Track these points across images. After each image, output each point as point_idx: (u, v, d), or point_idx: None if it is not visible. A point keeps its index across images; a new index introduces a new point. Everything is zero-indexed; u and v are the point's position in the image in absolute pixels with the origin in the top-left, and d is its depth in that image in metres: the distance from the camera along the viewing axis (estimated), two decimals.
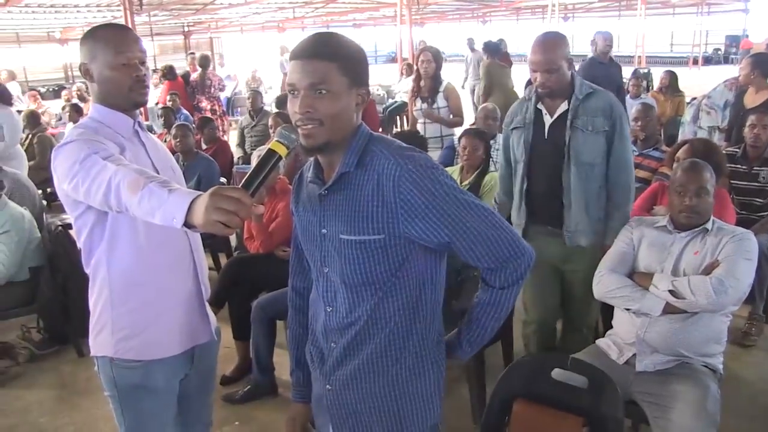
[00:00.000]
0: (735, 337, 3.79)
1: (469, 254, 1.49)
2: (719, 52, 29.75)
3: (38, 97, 11.23)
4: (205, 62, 9.53)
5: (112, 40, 1.83)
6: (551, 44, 2.76)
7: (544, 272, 2.91)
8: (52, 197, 6.84)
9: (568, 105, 2.79)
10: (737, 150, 4.22)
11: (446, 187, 1.45)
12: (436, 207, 1.43)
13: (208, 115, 9.00)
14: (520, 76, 12.06)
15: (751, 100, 5.10)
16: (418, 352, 1.58)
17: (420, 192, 1.42)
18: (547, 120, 2.86)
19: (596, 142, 2.78)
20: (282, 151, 1.38)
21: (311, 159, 1.59)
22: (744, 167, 4.10)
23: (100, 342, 1.94)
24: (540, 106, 2.88)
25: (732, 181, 4.08)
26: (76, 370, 3.90)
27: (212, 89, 9.43)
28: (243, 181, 1.33)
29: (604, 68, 6.55)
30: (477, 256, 1.49)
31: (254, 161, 1.38)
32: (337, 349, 1.60)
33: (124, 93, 1.86)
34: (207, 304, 2.10)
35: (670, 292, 2.44)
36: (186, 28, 23.44)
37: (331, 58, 1.42)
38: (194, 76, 9.76)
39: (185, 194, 1.40)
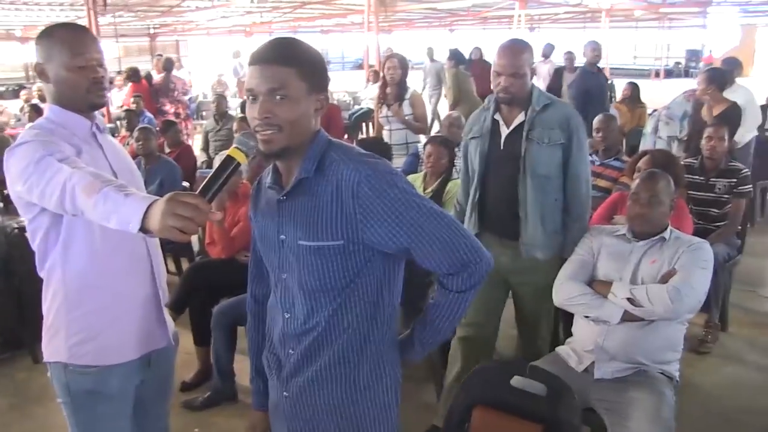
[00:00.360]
0: (692, 345, 3.86)
1: (427, 259, 1.49)
2: (680, 66, 30.42)
3: None
4: (168, 65, 9.40)
5: (68, 41, 1.80)
6: (518, 49, 2.71)
7: (490, 280, 2.82)
8: (9, 199, 6.65)
9: (525, 116, 2.74)
10: (695, 161, 4.31)
11: (404, 192, 1.45)
12: (395, 212, 1.43)
13: (172, 118, 8.89)
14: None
15: (708, 113, 5.25)
16: (375, 358, 1.58)
17: (378, 197, 1.43)
18: (504, 131, 2.81)
19: (552, 155, 2.73)
20: (240, 157, 1.37)
21: (270, 165, 1.59)
22: (701, 178, 4.20)
23: (53, 347, 1.89)
24: (497, 116, 2.83)
25: (689, 192, 4.17)
26: (30, 376, 3.80)
27: (175, 92, 9.31)
28: (200, 187, 1.32)
29: (595, 77, 6.75)
30: (435, 261, 1.49)
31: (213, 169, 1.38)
32: (294, 356, 1.59)
33: (81, 95, 1.82)
34: (165, 309, 2.07)
35: (629, 300, 2.48)
36: (152, 30, 23.13)
37: (290, 64, 1.42)
38: (157, 78, 9.62)
39: (141, 199, 1.38)
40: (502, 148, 2.80)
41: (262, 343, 1.77)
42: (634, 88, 8.08)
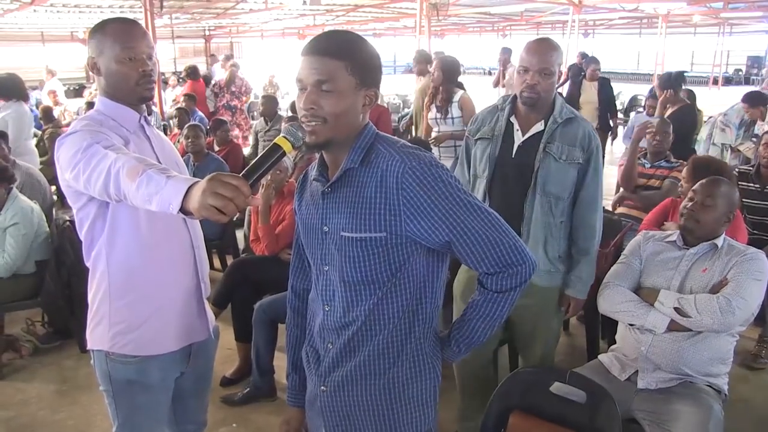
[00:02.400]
0: (744, 359, 3.74)
1: (468, 256, 1.47)
2: (740, 73, 29.57)
3: (56, 94, 11.33)
4: (236, 64, 9.75)
5: (120, 35, 1.83)
6: (548, 46, 2.47)
7: None
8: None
9: (544, 126, 2.51)
10: (750, 168, 4.18)
11: (449, 186, 1.44)
12: (438, 205, 1.42)
13: (240, 114, 9.39)
14: None
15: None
16: (415, 356, 1.57)
17: (423, 189, 1.42)
18: (518, 137, 2.55)
19: (567, 174, 2.49)
20: (287, 146, 1.37)
21: (316, 160, 1.59)
22: (756, 186, 4.06)
23: (96, 335, 1.93)
24: (513, 119, 2.58)
25: (744, 200, 4.03)
26: (77, 365, 3.90)
27: (241, 89, 9.61)
28: (244, 170, 1.32)
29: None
30: (477, 258, 1.47)
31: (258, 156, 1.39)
32: (333, 350, 1.59)
33: (130, 87, 1.86)
34: (206, 302, 2.09)
35: (676, 309, 2.40)
36: (207, 32, 23.63)
37: (340, 57, 1.41)
38: (223, 77, 10.01)
39: (183, 180, 1.39)
40: (513, 156, 2.56)
41: (300, 339, 1.77)
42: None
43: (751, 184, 4.08)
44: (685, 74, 6.36)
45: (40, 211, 3.99)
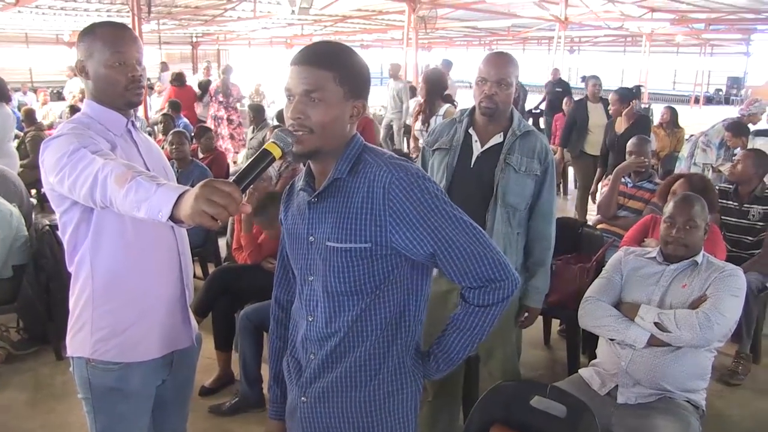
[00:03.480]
0: (722, 375, 3.76)
1: (452, 269, 1.47)
2: (720, 93, 29.99)
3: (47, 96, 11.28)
4: (227, 71, 9.64)
5: (110, 39, 1.82)
6: (506, 60, 2.54)
7: (446, 310, 2.42)
8: (44, 197, 6.80)
9: (503, 138, 2.55)
10: (730, 186, 4.23)
11: (436, 198, 1.44)
12: (424, 217, 1.42)
13: (225, 123, 9.23)
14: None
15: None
16: (396, 369, 1.56)
17: (409, 200, 1.42)
18: (477, 148, 2.59)
19: (526, 185, 2.54)
20: (276, 152, 1.37)
21: (303, 171, 1.59)
22: (735, 204, 4.11)
23: (77, 342, 1.89)
24: (471, 131, 2.61)
25: (723, 217, 4.08)
26: (53, 372, 3.84)
27: (230, 98, 9.51)
28: (234, 176, 1.32)
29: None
30: (460, 272, 1.47)
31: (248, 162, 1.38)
32: (315, 361, 1.58)
33: (118, 91, 1.84)
34: (189, 309, 2.07)
35: (656, 324, 2.42)
36: (194, 39, 23.58)
37: (329, 67, 1.41)
38: (214, 84, 9.90)
39: (173, 188, 1.38)
40: (472, 166, 2.59)
41: (283, 350, 1.76)
42: (672, 113, 7.98)
43: (731, 202, 4.13)
44: (667, 93, 6.66)
45: (19, 215, 3.94)
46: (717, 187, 4.29)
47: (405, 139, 10.05)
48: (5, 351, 3.98)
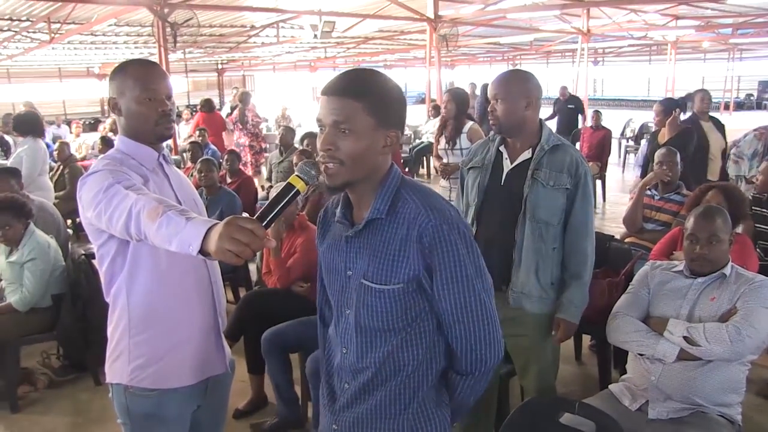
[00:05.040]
0: (760, 389, 3.68)
1: (447, 329, 1.51)
2: (752, 98, 29.52)
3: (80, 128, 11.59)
4: (244, 98, 9.76)
5: (140, 76, 1.89)
6: (509, 76, 2.60)
7: None
8: (80, 227, 6.97)
9: (532, 154, 2.57)
10: (764, 195, 4.17)
11: (465, 257, 1.46)
12: (448, 279, 1.46)
13: (247, 150, 9.30)
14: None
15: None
16: (428, 399, 1.56)
17: (439, 254, 1.44)
18: (507, 165, 2.63)
19: (556, 200, 2.53)
20: (300, 186, 1.37)
21: (333, 197, 1.60)
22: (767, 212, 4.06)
23: (115, 369, 1.95)
24: (502, 149, 2.65)
25: (757, 225, 4.03)
26: (92, 398, 3.93)
27: (248, 125, 9.63)
28: (258, 212, 1.34)
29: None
30: (452, 335, 1.51)
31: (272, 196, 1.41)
32: (349, 391, 1.59)
33: (150, 127, 1.91)
34: (223, 336, 2.12)
35: (685, 338, 2.40)
36: (220, 66, 24.01)
37: (358, 97, 1.40)
38: (233, 112, 9.99)
39: (202, 222, 1.42)
40: (502, 183, 2.63)
41: None
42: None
43: (765, 210, 4.08)
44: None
45: (56, 246, 4.05)
46: (751, 196, 4.23)
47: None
48: (47, 377, 4.09)
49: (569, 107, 10.57)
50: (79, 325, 3.92)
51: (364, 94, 1.41)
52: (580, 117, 10.40)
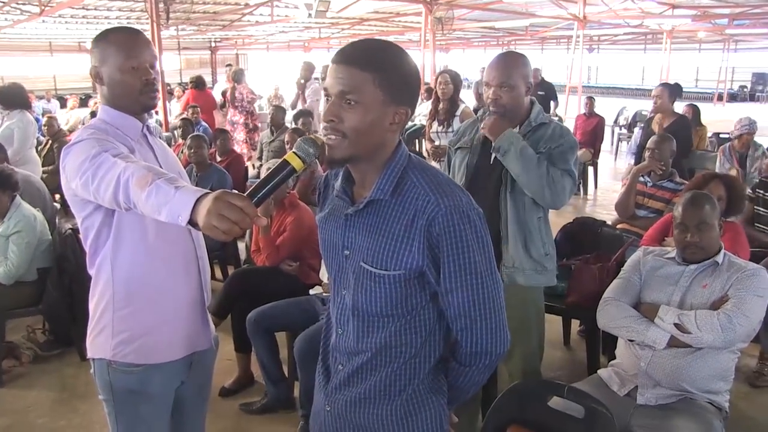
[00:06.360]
0: (747, 377, 3.70)
1: (452, 315, 1.43)
2: (745, 90, 29.57)
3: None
4: (238, 76, 9.65)
5: (123, 44, 1.84)
6: (510, 61, 2.59)
7: None
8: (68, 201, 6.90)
9: (519, 131, 2.59)
10: (766, 179, 4.19)
11: (478, 240, 1.37)
12: (458, 269, 1.37)
13: (242, 128, 9.20)
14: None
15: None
16: (424, 386, 1.50)
17: (449, 244, 1.35)
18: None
19: None
20: (297, 163, 1.29)
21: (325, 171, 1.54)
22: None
23: (98, 344, 1.91)
24: None
25: (756, 208, 4.08)
26: (78, 373, 3.91)
27: (243, 102, 9.53)
28: (250, 189, 1.28)
29: None
30: (457, 326, 1.44)
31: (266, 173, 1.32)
32: (342, 372, 1.54)
33: (133, 96, 1.86)
34: (207, 312, 2.09)
35: (676, 325, 2.39)
36: (213, 44, 23.77)
37: (369, 68, 1.31)
38: (227, 88, 9.88)
39: (191, 192, 1.38)
40: (491, 162, 2.63)
41: None
42: (694, 110, 7.88)
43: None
44: (690, 90, 6.40)
45: (42, 219, 4.01)
46: (758, 178, 4.26)
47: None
48: (32, 352, 4.06)
49: (539, 93, 10.08)
50: (65, 300, 3.89)
51: (375, 65, 1.32)
52: (552, 103, 10.17)
